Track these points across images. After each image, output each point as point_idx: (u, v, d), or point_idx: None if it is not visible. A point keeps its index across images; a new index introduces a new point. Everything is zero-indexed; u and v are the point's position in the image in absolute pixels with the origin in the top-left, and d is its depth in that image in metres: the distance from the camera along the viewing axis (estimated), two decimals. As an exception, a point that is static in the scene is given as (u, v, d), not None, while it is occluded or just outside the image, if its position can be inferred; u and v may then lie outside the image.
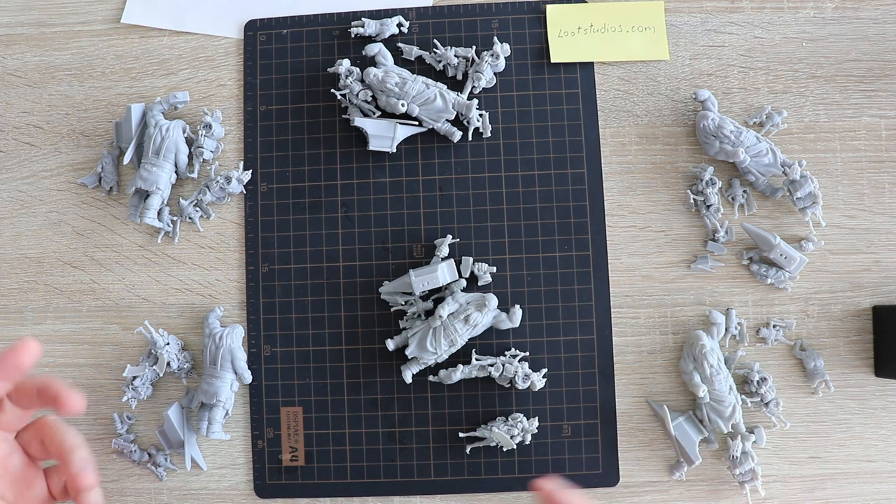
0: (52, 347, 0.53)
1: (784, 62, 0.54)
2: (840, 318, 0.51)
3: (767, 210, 0.52)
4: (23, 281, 0.54)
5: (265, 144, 0.54)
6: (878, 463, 0.50)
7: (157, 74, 0.56)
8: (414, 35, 0.55)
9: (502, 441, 0.46)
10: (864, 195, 0.52)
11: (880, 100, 0.53)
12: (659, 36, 0.54)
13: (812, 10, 0.54)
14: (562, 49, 0.54)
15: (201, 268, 0.54)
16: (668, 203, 0.53)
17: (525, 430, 0.49)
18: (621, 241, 0.53)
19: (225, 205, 0.54)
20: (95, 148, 0.55)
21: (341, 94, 0.53)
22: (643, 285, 0.52)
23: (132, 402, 0.51)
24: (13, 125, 0.56)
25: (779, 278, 0.51)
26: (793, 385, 0.51)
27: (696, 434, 0.49)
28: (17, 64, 0.57)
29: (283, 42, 0.55)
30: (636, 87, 0.54)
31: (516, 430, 0.49)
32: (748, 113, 0.53)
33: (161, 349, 0.50)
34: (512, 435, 0.49)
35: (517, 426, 0.49)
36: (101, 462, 0.52)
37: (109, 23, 0.57)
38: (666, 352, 0.52)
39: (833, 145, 0.53)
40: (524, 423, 0.49)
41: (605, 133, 0.54)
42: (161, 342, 0.50)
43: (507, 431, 0.49)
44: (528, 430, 0.49)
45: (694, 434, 0.49)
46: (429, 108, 0.52)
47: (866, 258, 0.52)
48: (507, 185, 0.53)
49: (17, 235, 0.55)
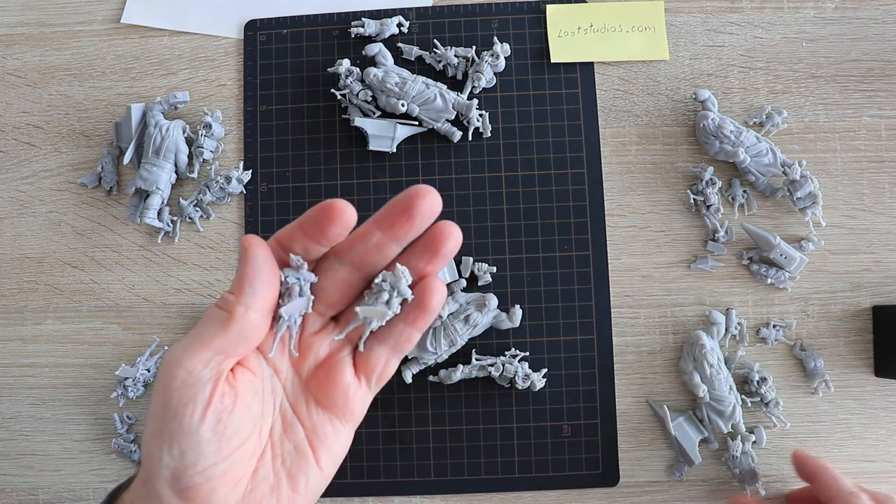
0: (52, 347, 0.53)
1: (784, 62, 0.54)
2: (840, 318, 0.51)
3: (767, 210, 0.52)
4: (23, 281, 0.54)
5: (265, 144, 0.54)
6: (878, 463, 0.50)
7: (157, 74, 0.56)
8: (414, 35, 0.55)
9: (375, 314, 0.29)
10: (864, 195, 0.52)
11: (880, 100, 0.53)
12: (659, 36, 0.54)
13: (812, 10, 0.54)
14: (562, 49, 0.54)
15: (201, 268, 0.54)
16: (668, 203, 0.53)
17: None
18: (621, 241, 0.53)
19: (225, 205, 0.54)
20: (95, 148, 0.55)
21: (341, 94, 0.53)
22: (643, 285, 0.52)
23: (120, 399, 0.52)
24: (13, 125, 0.56)
25: (779, 278, 0.51)
26: (793, 385, 0.51)
27: (696, 434, 0.49)
28: (17, 64, 0.57)
29: (283, 42, 0.55)
30: (636, 87, 0.54)
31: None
32: (748, 113, 0.53)
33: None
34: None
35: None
36: (101, 462, 0.52)
37: (109, 23, 0.57)
38: (666, 352, 0.52)
39: (833, 145, 0.53)
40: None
41: (605, 133, 0.54)
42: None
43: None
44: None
45: (694, 434, 0.49)
46: (429, 108, 0.52)
47: (866, 258, 0.52)
48: (507, 185, 0.53)
49: (17, 235, 0.55)
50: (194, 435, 0.25)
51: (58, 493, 0.52)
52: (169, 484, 0.26)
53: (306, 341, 0.29)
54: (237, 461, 0.27)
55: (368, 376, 0.30)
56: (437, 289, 0.29)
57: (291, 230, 0.27)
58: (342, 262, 0.28)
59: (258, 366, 0.28)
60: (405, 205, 0.27)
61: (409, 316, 0.29)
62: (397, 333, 0.29)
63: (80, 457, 0.52)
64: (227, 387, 0.26)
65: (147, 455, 0.26)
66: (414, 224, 0.27)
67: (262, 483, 0.28)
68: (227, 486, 0.26)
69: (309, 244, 0.27)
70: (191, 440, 0.25)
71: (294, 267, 0.28)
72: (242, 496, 0.27)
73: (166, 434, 0.25)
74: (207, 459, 0.25)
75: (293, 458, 0.29)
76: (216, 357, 0.26)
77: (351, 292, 0.29)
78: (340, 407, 0.29)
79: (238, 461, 0.27)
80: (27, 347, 0.53)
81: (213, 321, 0.26)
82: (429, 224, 0.28)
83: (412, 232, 0.27)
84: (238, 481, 0.27)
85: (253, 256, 0.26)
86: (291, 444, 0.29)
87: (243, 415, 0.27)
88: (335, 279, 0.29)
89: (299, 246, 0.27)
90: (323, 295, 0.29)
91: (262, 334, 0.27)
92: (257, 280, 0.26)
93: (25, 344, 0.54)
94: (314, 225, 0.27)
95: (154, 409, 0.26)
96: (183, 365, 0.25)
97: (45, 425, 0.53)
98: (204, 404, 0.25)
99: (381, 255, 0.28)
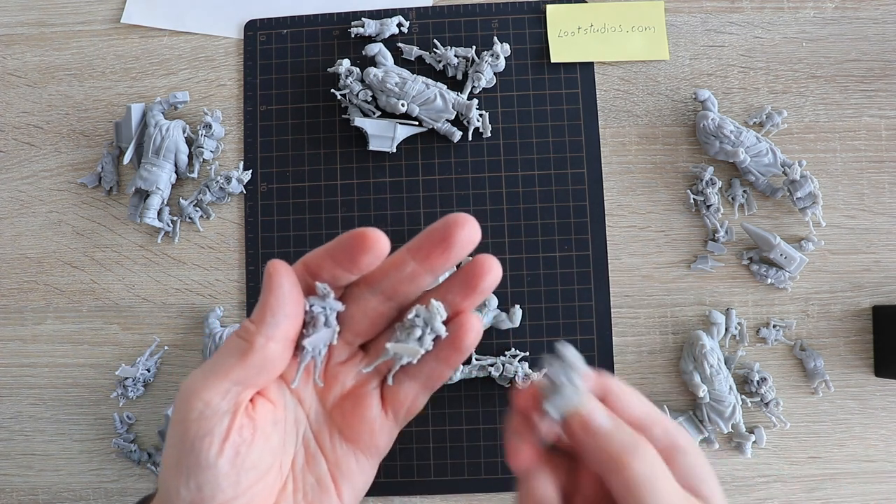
0: (52, 347, 0.53)
1: (784, 62, 0.54)
2: (840, 318, 0.51)
3: (767, 210, 0.52)
4: (23, 281, 0.54)
5: (265, 144, 0.54)
6: (878, 463, 0.50)
7: (157, 74, 0.56)
8: (414, 35, 0.55)
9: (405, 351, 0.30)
10: (864, 195, 0.52)
11: (880, 100, 0.53)
12: (659, 36, 0.54)
13: (812, 10, 0.54)
14: (562, 49, 0.54)
15: (201, 268, 0.54)
16: (668, 203, 0.53)
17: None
18: (621, 241, 0.53)
19: (225, 205, 0.54)
20: (95, 148, 0.55)
21: (341, 94, 0.53)
22: (643, 285, 0.52)
23: (120, 399, 0.52)
24: (13, 125, 0.56)
25: (779, 278, 0.51)
26: (793, 385, 0.51)
27: (696, 434, 0.49)
28: (17, 64, 0.57)
29: (283, 42, 0.55)
30: (636, 87, 0.54)
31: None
32: (748, 113, 0.53)
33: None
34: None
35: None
36: (100, 462, 0.52)
37: (109, 23, 0.57)
38: (666, 352, 0.52)
39: (833, 145, 0.53)
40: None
41: (605, 133, 0.54)
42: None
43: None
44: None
45: (694, 434, 0.49)
46: (429, 108, 0.52)
47: (866, 258, 0.52)
48: (507, 185, 0.53)
49: (17, 235, 0.55)
50: (212, 469, 0.24)
51: (58, 493, 0.52)
52: None
53: (332, 371, 0.28)
54: (257, 495, 0.26)
55: (396, 411, 0.29)
56: (472, 327, 0.27)
57: (320, 256, 0.26)
58: (373, 291, 0.27)
59: (280, 395, 0.27)
60: (442, 234, 0.25)
61: (442, 353, 0.28)
62: (428, 370, 0.28)
63: (80, 457, 0.52)
64: (245, 419, 0.25)
65: (164, 486, 0.25)
66: (451, 256, 0.26)
67: None
68: None
69: (338, 272, 0.26)
70: (208, 474, 0.24)
71: (320, 295, 0.27)
72: None
73: (183, 467, 0.24)
74: (225, 493, 0.25)
75: (315, 491, 0.28)
76: (234, 388, 0.25)
77: (381, 322, 0.28)
78: (366, 441, 0.28)
79: (258, 495, 0.26)
80: (27, 347, 0.53)
81: (233, 351, 0.25)
82: (466, 255, 0.26)
83: (448, 263, 0.26)
84: None
85: (278, 285, 0.25)
86: (314, 478, 0.28)
87: (262, 448, 0.26)
88: (365, 308, 0.28)
89: (327, 273, 0.26)
90: (351, 323, 0.28)
91: (283, 365, 0.26)
92: (280, 311, 0.25)
93: (25, 344, 0.54)
94: (345, 253, 0.26)
95: (171, 440, 0.25)
96: (200, 396, 0.24)
97: (45, 425, 0.53)
98: (222, 437, 0.24)
99: (415, 285, 0.27)
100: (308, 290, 0.27)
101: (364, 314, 0.28)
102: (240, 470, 0.25)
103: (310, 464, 0.28)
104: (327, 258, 0.26)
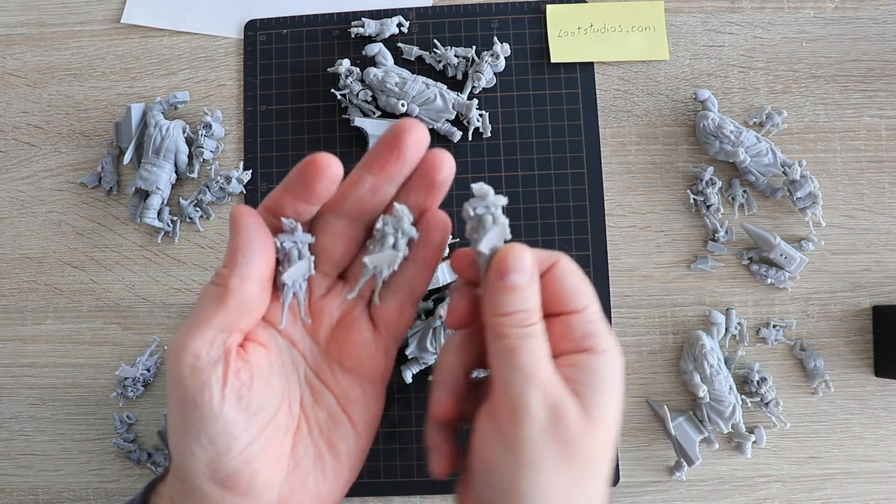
0: (52, 347, 0.53)
1: (784, 62, 0.54)
2: (840, 318, 0.51)
3: (767, 210, 0.52)
4: (23, 281, 0.54)
5: (265, 144, 0.54)
6: (878, 463, 0.50)
7: (157, 74, 0.56)
8: (414, 35, 0.55)
9: (384, 260, 0.28)
10: (864, 195, 0.52)
11: (880, 100, 0.53)
12: (659, 36, 0.54)
13: (812, 10, 0.54)
14: (562, 49, 0.54)
15: (201, 268, 0.54)
16: (668, 203, 0.53)
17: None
18: (621, 241, 0.53)
19: (225, 205, 0.54)
20: (95, 148, 0.55)
21: (341, 94, 0.53)
22: (643, 285, 0.52)
23: (120, 399, 0.52)
24: (13, 125, 0.56)
25: (779, 278, 0.51)
26: (793, 385, 0.51)
27: (696, 434, 0.49)
28: (17, 64, 0.57)
29: (283, 42, 0.55)
30: (636, 87, 0.54)
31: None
32: (748, 113, 0.53)
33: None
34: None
35: None
36: (101, 462, 0.52)
37: (109, 23, 0.57)
38: (666, 352, 0.52)
39: (833, 145, 0.53)
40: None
41: (605, 133, 0.54)
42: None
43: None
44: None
45: (694, 434, 0.49)
46: (429, 108, 0.52)
47: (866, 258, 0.52)
48: (507, 185, 0.53)
49: (17, 235, 0.55)
50: (218, 417, 0.24)
51: (58, 493, 0.52)
52: (208, 476, 0.25)
53: (317, 305, 0.28)
54: (271, 439, 0.26)
55: (388, 329, 0.29)
56: (440, 220, 0.28)
57: (278, 194, 0.26)
58: (338, 215, 0.27)
59: (270, 340, 0.27)
60: (392, 142, 0.26)
61: (419, 256, 0.28)
62: (409, 277, 0.28)
63: (80, 457, 0.52)
64: (240, 362, 0.25)
65: (178, 454, 0.25)
66: (405, 159, 0.26)
67: (303, 458, 0.27)
68: (268, 466, 0.25)
69: (299, 205, 0.26)
70: (217, 425, 0.24)
71: (288, 230, 0.27)
72: (286, 475, 0.26)
73: (191, 426, 0.24)
74: (239, 441, 0.24)
75: (329, 426, 0.28)
76: (220, 335, 0.25)
77: (353, 246, 0.28)
78: (366, 366, 0.28)
79: (272, 438, 0.26)
80: (27, 347, 0.53)
81: (210, 299, 0.25)
82: (419, 157, 0.27)
83: (404, 168, 0.27)
84: (278, 460, 0.26)
85: (243, 226, 0.25)
86: (325, 413, 0.28)
87: (264, 389, 0.26)
88: (334, 235, 0.28)
89: (290, 209, 0.26)
90: (325, 254, 0.28)
91: (263, 305, 0.26)
92: (249, 249, 0.25)
93: (25, 344, 0.54)
94: (299, 184, 0.26)
95: (172, 405, 0.25)
96: (188, 350, 0.24)
97: (45, 425, 0.53)
98: (220, 385, 0.24)
99: (377, 199, 0.27)
100: (276, 231, 0.27)
101: (335, 241, 0.28)
102: (246, 414, 0.25)
103: (318, 401, 0.28)
104: (285, 194, 0.26)
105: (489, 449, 0.24)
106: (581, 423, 0.24)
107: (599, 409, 0.24)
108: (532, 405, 0.23)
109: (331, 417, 0.28)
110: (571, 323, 0.26)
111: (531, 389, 0.23)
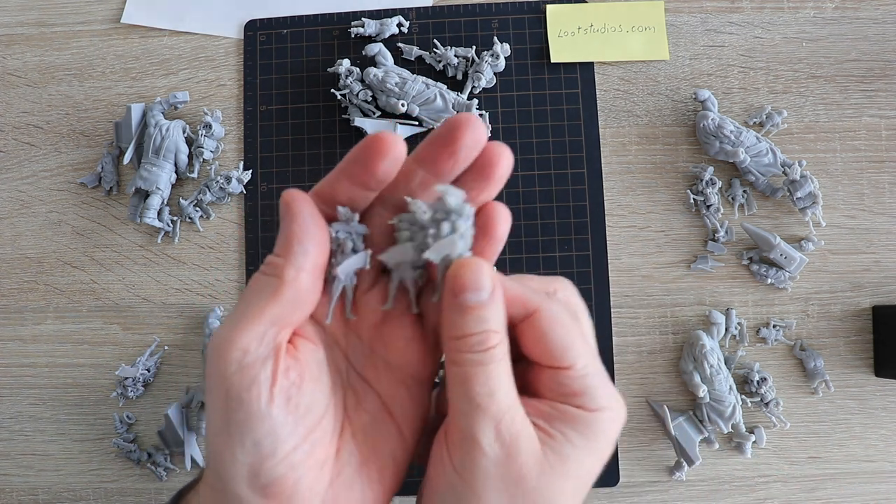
0: (52, 347, 0.53)
1: (784, 62, 0.54)
2: (840, 318, 0.51)
3: (767, 210, 0.52)
4: (23, 281, 0.54)
5: (265, 144, 0.54)
6: (878, 463, 0.50)
7: (157, 74, 0.56)
8: (414, 35, 0.55)
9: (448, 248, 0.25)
10: (864, 195, 0.52)
11: (880, 100, 0.53)
12: (659, 36, 0.54)
13: (812, 10, 0.55)
14: (562, 49, 0.54)
15: (201, 268, 0.54)
16: (668, 203, 0.53)
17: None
18: (621, 241, 0.53)
19: (225, 205, 0.54)
20: (95, 148, 0.55)
21: (341, 94, 0.53)
22: (643, 285, 0.52)
23: (120, 399, 0.52)
24: (13, 125, 0.56)
25: (779, 278, 0.51)
26: (793, 385, 0.51)
27: (696, 434, 0.49)
28: (17, 64, 0.57)
29: (283, 42, 0.55)
30: (636, 87, 0.54)
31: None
32: (748, 113, 0.53)
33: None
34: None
35: None
36: (101, 462, 0.52)
37: (109, 23, 0.57)
38: (666, 352, 0.52)
39: (833, 145, 0.53)
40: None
41: (605, 133, 0.54)
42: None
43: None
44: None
45: (694, 434, 0.49)
46: (429, 108, 0.52)
47: (866, 258, 0.52)
48: (508, 184, 0.53)
49: (17, 235, 0.55)
50: (266, 419, 0.22)
51: (58, 493, 0.52)
52: (248, 483, 0.23)
53: (361, 300, 0.26)
54: (318, 442, 0.24)
55: (437, 323, 0.26)
56: (500, 212, 0.25)
57: (333, 179, 0.24)
58: (386, 207, 0.25)
59: (316, 335, 0.25)
60: (448, 138, 0.24)
61: (476, 248, 0.25)
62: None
63: (80, 457, 0.52)
64: (290, 360, 0.23)
65: (217, 458, 0.23)
66: (459, 158, 0.24)
67: (347, 465, 0.25)
68: (312, 472, 0.23)
69: (355, 191, 0.24)
70: (264, 426, 0.22)
71: (343, 220, 0.25)
72: (329, 482, 0.24)
73: (235, 427, 0.22)
74: (286, 444, 0.22)
75: (373, 429, 0.26)
76: (271, 329, 0.23)
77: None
78: (412, 363, 0.26)
79: (319, 441, 0.24)
80: (27, 347, 0.53)
81: (262, 290, 0.23)
82: (474, 156, 0.24)
83: (458, 167, 0.24)
84: (322, 465, 0.24)
85: (298, 212, 0.23)
86: (368, 415, 0.26)
87: (314, 389, 0.24)
88: (381, 227, 0.25)
89: (344, 195, 0.24)
90: (372, 246, 0.26)
91: (316, 298, 0.24)
92: (306, 237, 0.23)
93: (25, 344, 0.54)
94: (360, 165, 0.23)
95: (214, 403, 0.23)
96: (237, 345, 0.22)
97: (45, 425, 0.53)
98: (269, 384, 0.22)
99: (426, 195, 0.25)
100: (328, 219, 0.25)
101: (382, 233, 0.26)
102: (295, 415, 0.23)
103: (361, 402, 0.26)
104: (342, 178, 0.24)
105: (440, 475, 0.24)
106: (536, 465, 0.22)
107: (567, 460, 0.23)
108: (482, 439, 0.22)
109: (375, 420, 0.26)
110: (559, 378, 0.24)
111: (482, 421, 0.22)
